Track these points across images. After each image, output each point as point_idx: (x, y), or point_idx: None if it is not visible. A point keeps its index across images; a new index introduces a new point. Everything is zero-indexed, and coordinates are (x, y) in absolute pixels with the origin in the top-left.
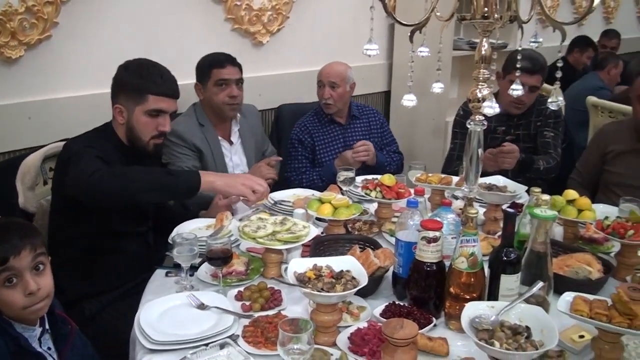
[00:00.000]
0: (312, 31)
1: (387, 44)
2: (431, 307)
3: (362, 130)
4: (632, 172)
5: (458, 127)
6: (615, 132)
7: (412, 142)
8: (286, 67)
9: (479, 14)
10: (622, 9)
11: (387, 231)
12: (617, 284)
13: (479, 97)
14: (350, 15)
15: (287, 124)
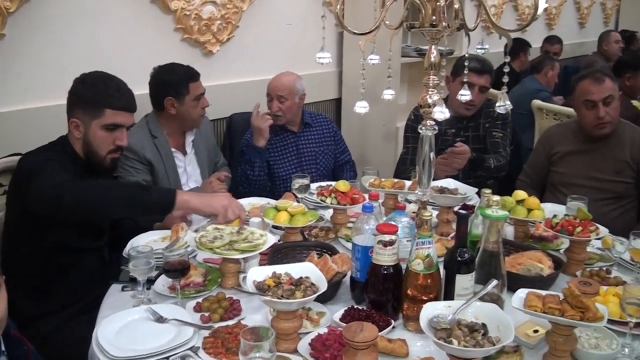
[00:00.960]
0: (262, 40)
1: (336, 52)
2: (389, 310)
3: (315, 139)
4: (577, 172)
5: (409, 132)
6: (560, 134)
7: (364, 148)
8: (237, 76)
9: (428, 22)
10: (564, 15)
11: (343, 237)
12: (568, 279)
13: (430, 102)
14: (300, 24)
15: (239, 133)
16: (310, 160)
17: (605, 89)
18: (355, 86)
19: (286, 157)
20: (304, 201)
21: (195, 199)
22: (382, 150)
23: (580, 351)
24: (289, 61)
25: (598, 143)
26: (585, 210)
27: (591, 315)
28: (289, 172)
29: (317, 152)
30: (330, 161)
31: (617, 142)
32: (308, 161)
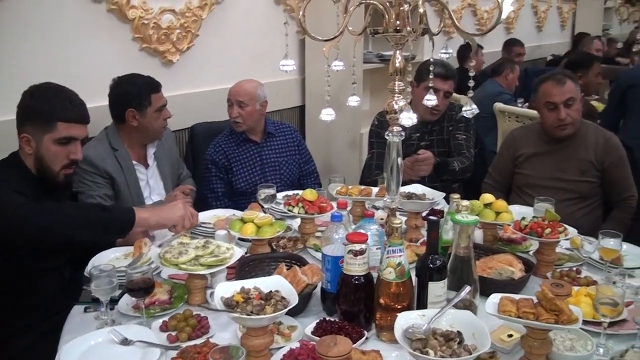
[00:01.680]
0: (223, 48)
1: (299, 59)
2: (362, 320)
3: (279, 148)
4: (542, 173)
5: (374, 137)
6: (524, 136)
7: (329, 155)
8: (198, 85)
9: (392, 28)
10: (522, 19)
11: (311, 246)
12: (539, 281)
13: (396, 108)
14: (261, 32)
15: (202, 144)
16: (274, 171)
17: (566, 91)
18: (318, 93)
19: (249, 169)
20: (270, 211)
21: (154, 215)
22: (346, 157)
23: (556, 354)
24: (250, 69)
25: (562, 144)
26: (553, 212)
27: (566, 318)
28: (252, 184)
29: (280, 163)
30: (294, 171)
31: (580, 142)
32: (272, 172)
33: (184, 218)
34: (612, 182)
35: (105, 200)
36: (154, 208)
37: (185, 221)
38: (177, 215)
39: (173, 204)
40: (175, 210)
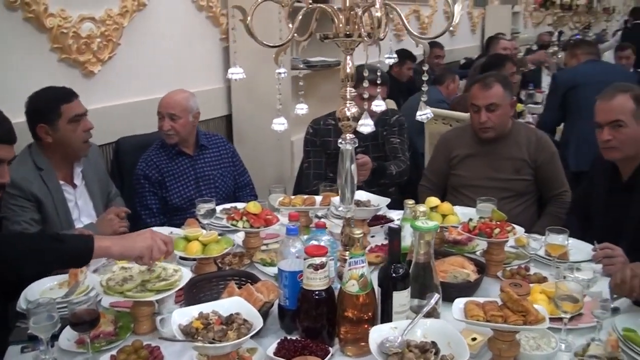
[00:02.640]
0: (146, 57)
1: (223, 66)
2: (325, 336)
3: (213, 161)
4: (477, 173)
5: (309, 146)
6: (457, 138)
7: (259, 165)
8: (121, 97)
9: (342, 33)
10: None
11: (258, 261)
12: (490, 281)
13: (348, 115)
14: (185, 39)
15: (129, 158)
16: (208, 185)
17: (490, 95)
18: (245, 102)
19: (183, 183)
20: (210, 227)
21: (116, 244)
22: (277, 165)
23: (524, 354)
24: (174, 78)
25: (495, 144)
26: (499, 212)
27: (533, 318)
28: (187, 199)
29: (215, 176)
30: (230, 184)
31: (513, 142)
32: (206, 186)
33: (152, 249)
34: (546, 179)
35: (32, 225)
36: (118, 237)
37: (154, 252)
38: (142, 246)
39: (141, 232)
40: (141, 239)
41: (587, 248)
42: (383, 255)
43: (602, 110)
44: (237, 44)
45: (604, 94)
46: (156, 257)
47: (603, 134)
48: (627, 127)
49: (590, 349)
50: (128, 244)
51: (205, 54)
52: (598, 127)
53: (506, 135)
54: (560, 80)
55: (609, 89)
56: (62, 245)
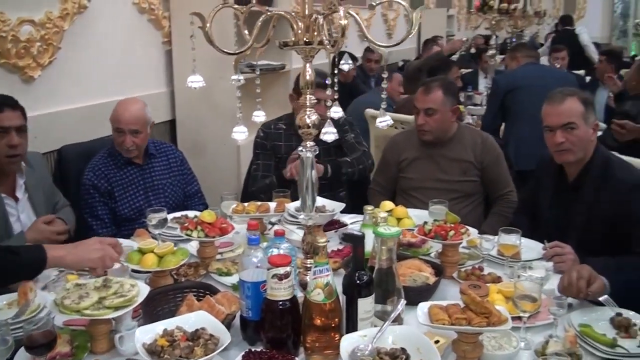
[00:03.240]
0: (88, 61)
1: (165, 71)
2: (290, 346)
3: (162, 170)
4: (425, 175)
5: (259, 149)
6: (405, 141)
7: (204, 170)
8: (64, 102)
9: (302, 40)
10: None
11: (215, 271)
12: (446, 282)
13: (308, 123)
14: (127, 43)
15: (73, 167)
16: (158, 194)
17: (429, 100)
18: (189, 107)
19: (133, 193)
20: (161, 237)
21: (70, 254)
22: (224, 170)
23: (487, 355)
24: (117, 83)
25: (441, 147)
26: (452, 214)
27: (496, 319)
28: (136, 209)
29: (165, 185)
30: (179, 193)
31: (459, 144)
32: (156, 195)
33: (104, 259)
34: (492, 179)
35: None
36: (70, 246)
37: (107, 261)
38: (95, 257)
39: (90, 242)
40: (93, 250)
41: (537, 247)
42: (340, 260)
43: (553, 114)
44: (179, 48)
45: (553, 98)
46: (109, 267)
47: (556, 137)
48: (578, 129)
49: (550, 346)
50: (82, 253)
51: (148, 57)
52: (549, 131)
53: (452, 137)
54: (500, 84)
55: (556, 93)
56: (17, 258)
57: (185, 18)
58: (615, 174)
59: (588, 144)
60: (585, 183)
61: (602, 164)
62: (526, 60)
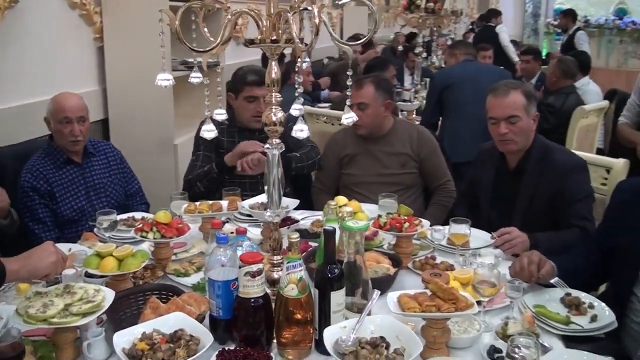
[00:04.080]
0: (19, 58)
1: (97, 68)
2: (263, 343)
3: (102, 168)
4: (366, 171)
5: (202, 140)
6: (346, 138)
7: (139, 170)
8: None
9: (268, 39)
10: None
11: (172, 272)
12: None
13: (274, 120)
14: (58, 39)
15: (9, 171)
16: (100, 194)
17: (360, 95)
18: (123, 105)
19: (73, 194)
20: (111, 240)
21: (25, 266)
22: (160, 170)
23: (454, 338)
24: (48, 81)
25: (379, 142)
26: (405, 207)
27: (463, 305)
28: (78, 211)
29: (105, 184)
30: (121, 192)
31: (396, 138)
32: (97, 195)
33: (57, 264)
34: (430, 170)
35: None
36: (22, 257)
37: (58, 267)
38: (49, 262)
39: (42, 248)
40: (47, 255)
41: (484, 235)
42: None
43: (497, 106)
44: (112, 45)
45: (497, 91)
46: (59, 272)
47: (500, 128)
48: (521, 121)
49: (510, 327)
50: (35, 263)
51: (79, 54)
52: (494, 122)
53: (389, 132)
54: (437, 81)
55: (501, 87)
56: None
57: (118, 14)
58: (555, 158)
59: (529, 133)
60: (527, 169)
61: (541, 150)
62: (464, 57)
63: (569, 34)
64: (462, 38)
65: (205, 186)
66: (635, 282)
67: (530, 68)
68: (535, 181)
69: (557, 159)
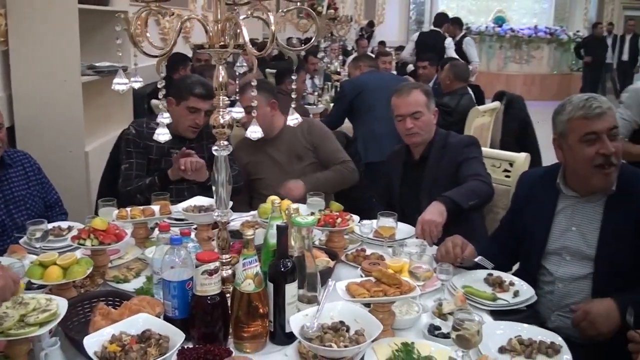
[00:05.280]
0: None
1: (2, 73)
2: (220, 339)
3: (20, 180)
4: (271, 173)
5: (132, 147)
6: (245, 146)
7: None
8: None
9: (217, 43)
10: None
11: (112, 279)
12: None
13: (222, 122)
14: None
15: None
16: (20, 206)
17: (245, 99)
18: (30, 111)
19: None
20: (41, 251)
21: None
22: (71, 179)
23: (398, 320)
24: None
25: (273, 142)
26: (336, 202)
27: (407, 288)
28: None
29: (24, 196)
30: (40, 203)
31: (289, 135)
32: (17, 208)
33: (5, 289)
34: (326, 155)
35: None
36: None
37: (7, 292)
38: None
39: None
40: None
41: (405, 228)
42: (237, 255)
43: (402, 104)
44: (18, 49)
45: (401, 92)
46: (8, 298)
47: (406, 123)
48: (424, 116)
49: (444, 307)
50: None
51: None
52: (400, 120)
53: (281, 131)
54: (348, 89)
55: (404, 87)
56: None
57: (23, 16)
58: (451, 142)
59: (432, 127)
60: (430, 157)
61: (441, 140)
62: (368, 69)
63: (456, 40)
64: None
65: (146, 198)
66: (542, 256)
67: (427, 73)
68: (437, 164)
69: (452, 142)
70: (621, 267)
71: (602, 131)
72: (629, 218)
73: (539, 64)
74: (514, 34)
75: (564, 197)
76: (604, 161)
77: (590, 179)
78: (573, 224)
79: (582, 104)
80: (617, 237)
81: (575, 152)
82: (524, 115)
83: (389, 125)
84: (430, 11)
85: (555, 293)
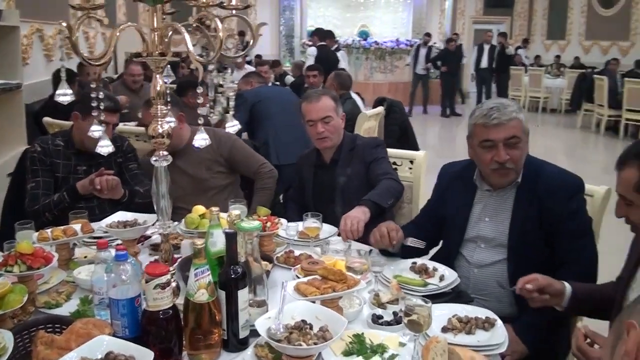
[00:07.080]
0: None
1: None
2: (176, 352)
3: None
4: (181, 185)
5: (38, 164)
6: None
7: None
8: None
9: (156, 52)
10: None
11: (43, 305)
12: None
13: (161, 132)
14: None
15: None
16: None
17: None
18: None
19: None
20: None
21: None
22: None
23: (345, 313)
24: None
25: (182, 155)
26: (264, 207)
27: (352, 283)
28: None
29: None
30: None
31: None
32: None
33: None
34: (240, 163)
35: None
36: None
37: None
38: None
39: None
40: None
41: (326, 227)
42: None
43: (312, 110)
44: None
45: (310, 99)
46: None
47: (317, 128)
48: (333, 120)
49: (382, 297)
50: None
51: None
52: (312, 125)
53: (188, 144)
54: (248, 98)
55: (312, 94)
56: None
57: None
58: (359, 144)
59: (340, 130)
60: (340, 159)
61: (350, 143)
62: (258, 85)
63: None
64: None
65: (54, 216)
66: (461, 244)
67: (316, 81)
68: (348, 167)
69: (360, 144)
70: (531, 253)
71: (498, 140)
72: (533, 209)
73: (402, 73)
74: (378, 46)
75: (479, 191)
76: (498, 167)
77: (489, 177)
78: (486, 214)
79: (484, 113)
80: (525, 225)
81: (477, 153)
82: (404, 118)
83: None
84: (300, 25)
85: (470, 278)
